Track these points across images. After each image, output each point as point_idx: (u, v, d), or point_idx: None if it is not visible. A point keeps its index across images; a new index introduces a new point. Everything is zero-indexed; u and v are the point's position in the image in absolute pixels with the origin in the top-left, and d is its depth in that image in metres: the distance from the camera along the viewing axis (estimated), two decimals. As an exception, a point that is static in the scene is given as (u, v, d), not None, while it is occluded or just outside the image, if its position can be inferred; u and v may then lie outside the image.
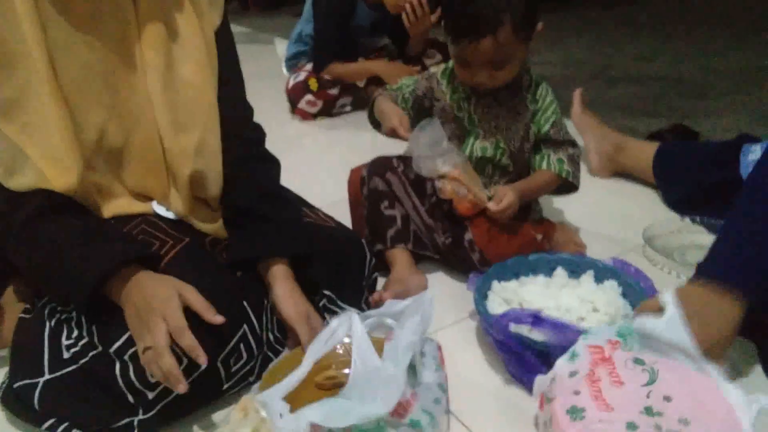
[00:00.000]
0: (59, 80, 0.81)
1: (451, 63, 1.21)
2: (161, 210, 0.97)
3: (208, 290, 0.83)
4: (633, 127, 2.08)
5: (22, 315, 0.94)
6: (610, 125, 1.75)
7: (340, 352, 0.91)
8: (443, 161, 1.15)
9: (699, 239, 1.29)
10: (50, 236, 0.82)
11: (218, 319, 0.81)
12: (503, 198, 1.14)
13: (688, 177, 1.43)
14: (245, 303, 0.90)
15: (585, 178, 1.67)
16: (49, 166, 0.81)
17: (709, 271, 0.81)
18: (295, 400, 0.83)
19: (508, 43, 1.07)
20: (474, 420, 0.87)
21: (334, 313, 0.99)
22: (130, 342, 0.81)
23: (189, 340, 0.77)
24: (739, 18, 4.09)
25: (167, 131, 0.90)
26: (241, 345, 0.88)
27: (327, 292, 1.00)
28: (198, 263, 0.91)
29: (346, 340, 0.88)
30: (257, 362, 0.92)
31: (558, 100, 1.23)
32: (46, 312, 0.89)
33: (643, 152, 1.58)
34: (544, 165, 1.22)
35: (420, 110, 1.26)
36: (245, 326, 0.89)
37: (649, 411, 0.70)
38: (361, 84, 2.34)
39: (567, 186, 1.26)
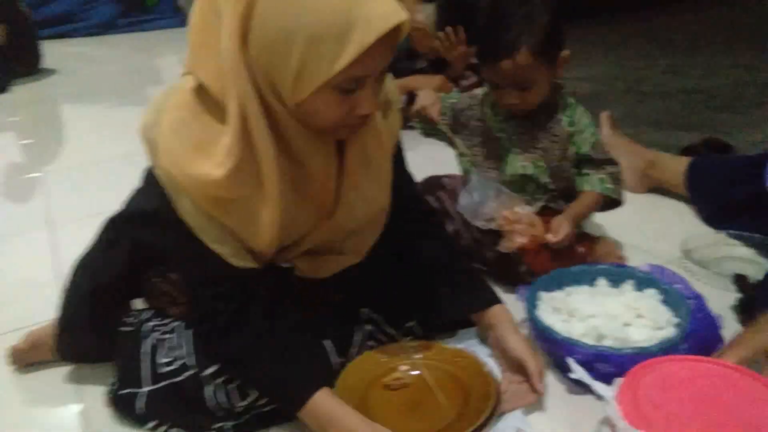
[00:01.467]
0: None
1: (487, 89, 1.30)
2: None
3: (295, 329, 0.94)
4: (665, 142, 2.11)
5: (123, 328, 1.04)
6: (642, 140, 1.79)
7: (403, 354, 1.01)
8: (495, 208, 1.23)
9: (736, 251, 1.34)
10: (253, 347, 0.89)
11: None
12: (560, 229, 1.20)
13: (718, 191, 1.48)
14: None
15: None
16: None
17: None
18: (365, 399, 0.92)
19: (527, 65, 1.14)
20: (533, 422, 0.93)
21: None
22: (220, 372, 0.93)
23: None
24: (770, 31, 4.09)
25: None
26: None
27: (411, 324, 1.09)
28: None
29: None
30: None
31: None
32: (146, 330, 1.01)
33: (675, 167, 1.63)
34: (587, 186, 1.28)
35: (455, 123, 1.34)
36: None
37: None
38: (401, 105, 2.43)
39: (611, 202, 1.31)
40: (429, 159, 1.38)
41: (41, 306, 1.19)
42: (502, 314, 1.03)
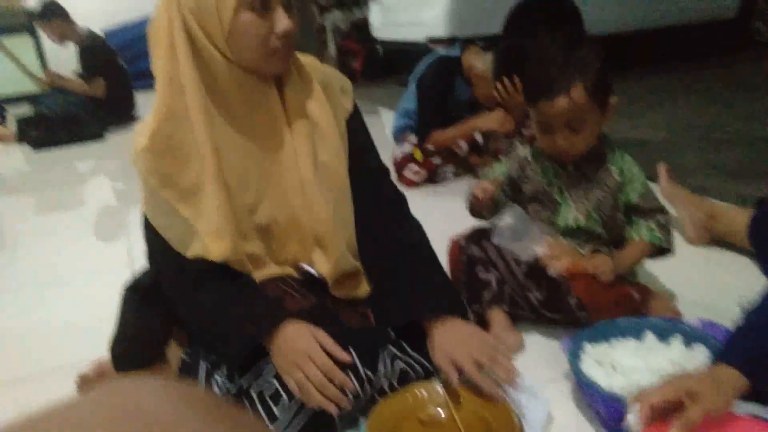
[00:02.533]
0: (224, 170, 1.02)
1: (536, 143, 1.32)
2: (308, 268, 1.14)
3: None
4: (741, 192, 2.04)
5: (183, 357, 1.13)
6: (717, 190, 1.73)
7: (440, 392, 1.04)
8: (536, 243, 1.25)
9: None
10: (210, 303, 1.03)
11: (346, 357, 0.98)
12: (601, 264, 1.22)
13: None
14: (353, 353, 1.03)
15: (681, 246, 1.70)
16: (211, 239, 1.01)
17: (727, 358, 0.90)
18: (398, 430, 0.96)
19: (581, 103, 1.17)
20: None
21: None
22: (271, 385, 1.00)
23: (340, 375, 0.96)
24: None
25: (314, 206, 1.08)
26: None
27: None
28: (315, 318, 1.06)
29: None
30: (363, 403, 1.05)
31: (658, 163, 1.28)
32: (201, 355, 1.09)
33: (738, 219, 1.58)
34: (636, 235, 1.27)
35: (514, 190, 1.38)
36: (350, 373, 1.01)
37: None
38: (462, 153, 2.48)
39: (661, 250, 1.29)
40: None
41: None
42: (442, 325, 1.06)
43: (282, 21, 0.99)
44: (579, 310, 1.24)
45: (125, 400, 0.26)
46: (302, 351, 0.97)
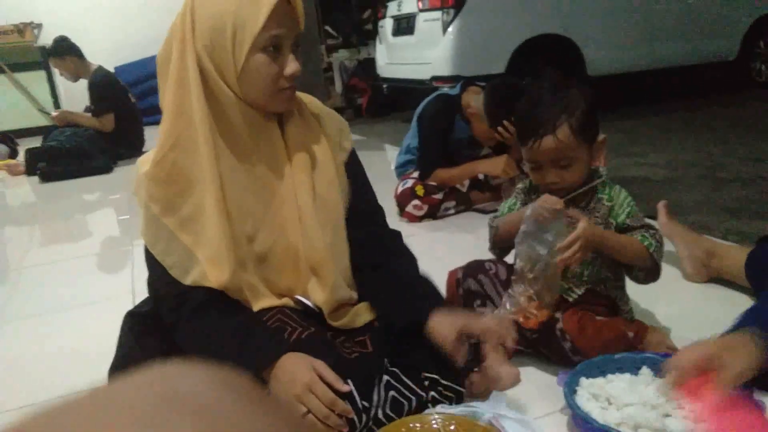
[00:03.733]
0: (225, 199, 1.05)
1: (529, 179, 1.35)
2: (305, 300, 1.16)
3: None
4: (742, 230, 2.06)
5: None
6: (717, 227, 1.74)
7: (434, 425, 1.03)
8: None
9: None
10: (209, 332, 1.04)
11: (345, 388, 0.99)
12: (577, 216, 1.21)
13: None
14: (350, 383, 1.03)
15: (680, 282, 1.71)
16: (210, 266, 1.04)
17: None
18: None
19: (567, 142, 1.21)
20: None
21: (439, 392, 1.11)
22: None
23: (341, 405, 0.98)
24: None
25: (311, 236, 1.11)
26: (343, 418, 1.02)
27: (430, 375, 1.13)
28: (315, 348, 1.07)
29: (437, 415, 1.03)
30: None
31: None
32: None
33: (736, 257, 1.59)
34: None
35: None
36: (347, 402, 1.02)
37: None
38: (463, 188, 2.51)
39: (651, 271, 1.29)
40: (483, 241, 1.42)
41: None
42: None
43: (292, 64, 1.05)
44: (574, 354, 1.24)
45: (167, 385, 0.26)
46: (303, 383, 0.98)
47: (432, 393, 1.11)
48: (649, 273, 1.30)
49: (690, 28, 5.07)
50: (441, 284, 1.44)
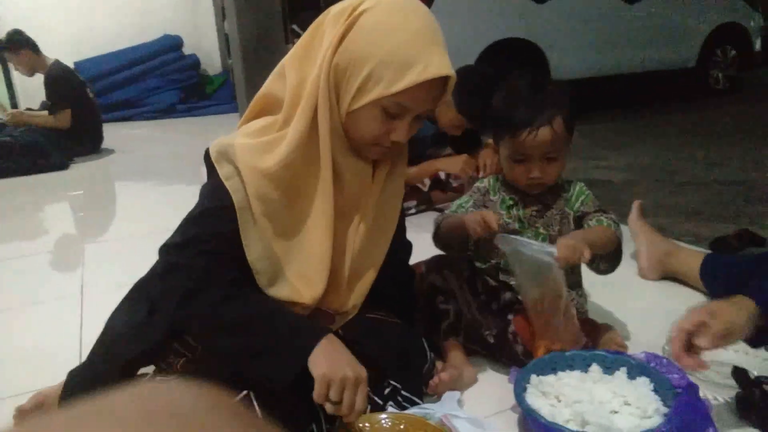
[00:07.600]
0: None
1: (494, 177, 1.35)
2: None
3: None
4: (698, 233, 2.10)
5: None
6: (674, 230, 1.77)
7: (383, 423, 1.02)
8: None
9: (738, 344, 1.28)
10: (251, 313, 0.97)
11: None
12: (570, 241, 1.14)
13: (732, 288, 1.44)
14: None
15: (635, 279, 1.73)
16: (303, 283, 1.01)
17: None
18: None
19: (561, 134, 1.23)
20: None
21: (397, 402, 1.10)
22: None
23: (363, 393, 0.93)
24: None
25: (369, 251, 1.11)
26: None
27: (393, 383, 1.12)
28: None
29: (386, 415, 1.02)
30: None
31: (618, 203, 1.30)
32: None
33: (691, 261, 1.62)
34: (590, 225, 1.29)
35: None
36: (314, 425, 1.00)
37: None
38: (424, 188, 2.50)
39: (614, 255, 1.27)
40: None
41: (57, 370, 1.22)
42: None
43: (401, 132, 1.00)
44: (526, 357, 1.23)
45: (160, 400, 0.26)
46: (353, 376, 0.92)
47: (390, 402, 1.10)
48: (612, 258, 1.28)
49: (651, 35, 5.19)
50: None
